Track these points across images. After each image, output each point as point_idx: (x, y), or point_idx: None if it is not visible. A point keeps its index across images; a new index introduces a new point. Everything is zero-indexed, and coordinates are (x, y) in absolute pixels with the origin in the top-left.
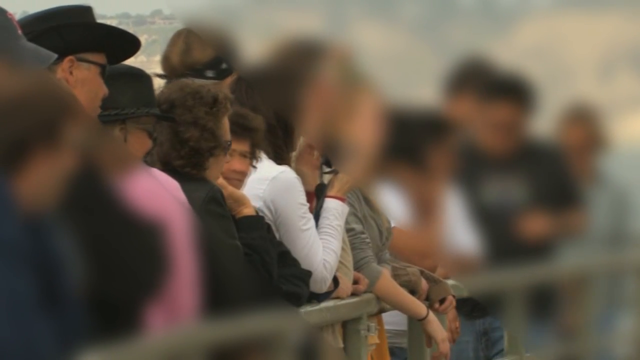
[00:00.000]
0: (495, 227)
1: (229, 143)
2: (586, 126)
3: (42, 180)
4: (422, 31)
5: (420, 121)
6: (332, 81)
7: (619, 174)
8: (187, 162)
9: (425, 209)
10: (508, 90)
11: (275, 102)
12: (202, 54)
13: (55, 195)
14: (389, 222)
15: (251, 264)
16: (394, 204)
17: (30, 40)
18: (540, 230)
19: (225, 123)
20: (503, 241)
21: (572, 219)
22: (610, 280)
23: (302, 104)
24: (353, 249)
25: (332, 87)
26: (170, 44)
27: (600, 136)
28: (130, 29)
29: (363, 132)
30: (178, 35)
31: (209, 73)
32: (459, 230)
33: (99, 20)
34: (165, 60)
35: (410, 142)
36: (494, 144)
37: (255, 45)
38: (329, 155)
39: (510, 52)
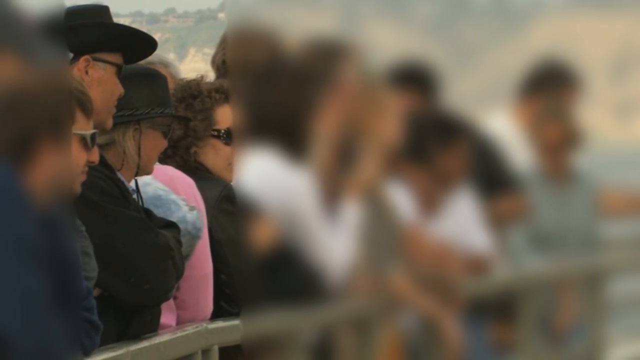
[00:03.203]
0: None
1: (222, 132)
2: (561, 124)
3: (51, 175)
4: (435, 30)
5: (431, 122)
6: (352, 81)
7: (633, 175)
8: (165, 156)
9: (432, 209)
10: (409, 80)
11: (292, 101)
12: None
13: (65, 190)
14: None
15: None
16: (405, 204)
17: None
18: None
19: (216, 113)
20: None
21: (506, 206)
22: (587, 283)
23: (321, 103)
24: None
25: (352, 86)
26: (224, 47)
27: (575, 134)
28: (144, 28)
29: (381, 131)
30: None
31: None
32: (470, 230)
33: (112, 19)
34: (223, 65)
35: (422, 142)
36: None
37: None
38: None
39: (523, 52)
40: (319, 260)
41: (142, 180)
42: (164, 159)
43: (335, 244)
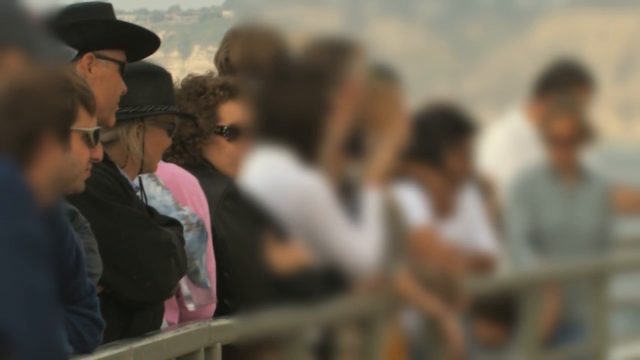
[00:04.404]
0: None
1: (225, 129)
2: (571, 119)
3: (54, 172)
4: (440, 29)
5: (438, 121)
6: (360, 79)
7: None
8: (174, 152)
9: (444, 209)
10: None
11: (303, 100)
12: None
13: (68, 187)
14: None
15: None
16: (419, 205)
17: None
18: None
19: (219, 110)
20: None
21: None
22: (589, 283)
23: (331, 102)
24: None
25: (360, 84)
26: (228, 45)
27: (586, 130)
28: (148, 25)
29: (392, 129)
30: (234, 36)
31: None
32: (478, 230)
33: (117, 16)
34: (226, 62)
35: (433, 143)
36: None
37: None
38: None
39: (527, 51)
40: (340, 260)
41: (150, 193)
42: (173, 156)
43: (358, 241)
